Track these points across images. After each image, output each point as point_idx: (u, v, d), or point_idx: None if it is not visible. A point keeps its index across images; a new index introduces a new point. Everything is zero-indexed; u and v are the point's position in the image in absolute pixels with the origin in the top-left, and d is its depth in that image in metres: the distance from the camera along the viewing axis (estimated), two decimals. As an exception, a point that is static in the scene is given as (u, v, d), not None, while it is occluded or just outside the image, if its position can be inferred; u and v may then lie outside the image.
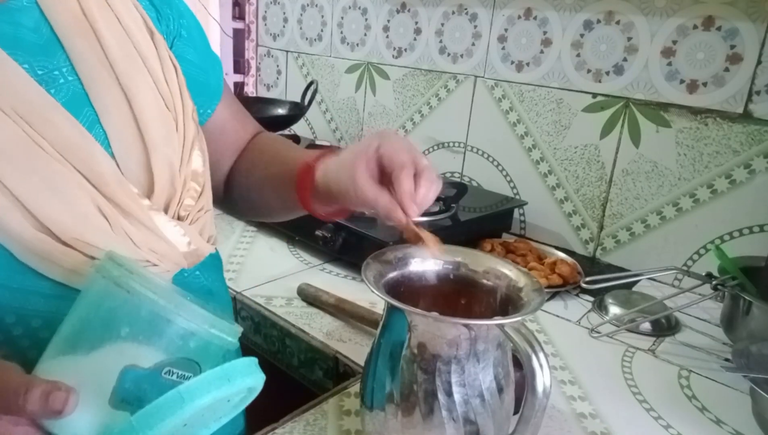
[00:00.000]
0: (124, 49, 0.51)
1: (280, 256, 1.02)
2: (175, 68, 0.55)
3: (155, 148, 0.50)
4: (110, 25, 0.51)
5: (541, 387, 0.44)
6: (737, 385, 0.74)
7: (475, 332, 0.47)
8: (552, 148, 1.14)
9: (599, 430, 0.64)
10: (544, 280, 0.93)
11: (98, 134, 0.48)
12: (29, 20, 0.47)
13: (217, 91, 0.66)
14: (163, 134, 0.51)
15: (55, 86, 0.47)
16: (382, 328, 0.52)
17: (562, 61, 1.10)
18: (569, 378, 0.73)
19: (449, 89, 1.29)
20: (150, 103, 0.51)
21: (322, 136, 1.61)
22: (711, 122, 0.95)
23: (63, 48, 0.48)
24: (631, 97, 1.03)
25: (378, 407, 0.50)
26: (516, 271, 0.54)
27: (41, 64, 0.47)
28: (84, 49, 0.49)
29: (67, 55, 0.48)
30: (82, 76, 0.48)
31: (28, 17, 0.47)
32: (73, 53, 0.48)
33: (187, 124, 0.55)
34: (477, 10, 1.21)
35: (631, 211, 1.06)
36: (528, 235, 1.20)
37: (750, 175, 0.92)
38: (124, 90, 0.50)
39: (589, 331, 0.84)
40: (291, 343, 0.80)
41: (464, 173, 1.30)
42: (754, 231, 0.93)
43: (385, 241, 0.88)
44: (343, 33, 1.49)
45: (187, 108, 0.55)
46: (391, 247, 0.57)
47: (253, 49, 1.76)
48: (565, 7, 1.08)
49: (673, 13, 0.96)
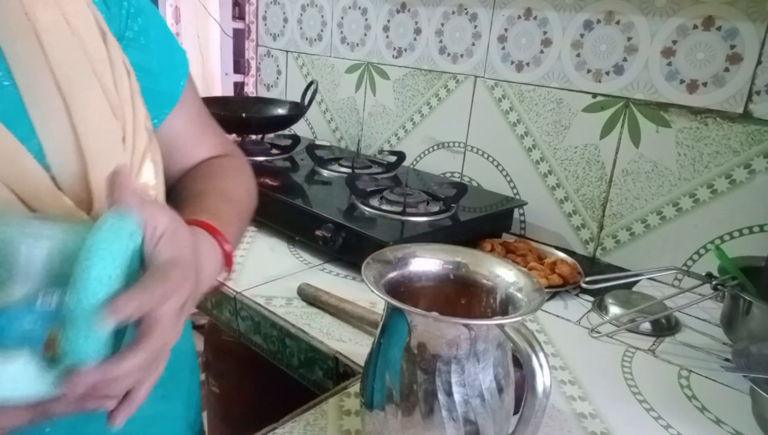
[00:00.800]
0: (70, 52, 0.47)
1: (280, 256, 1.02)
2: (128, 72, 0.51)
3: (94, 160, 0.47)
4: (55, 26, 0.47)
5: (541, 387, 0.44)
6: (737, 385, 0.74)
7: (475, 332, 0.47)
8: (552, 148, 1.14)
9: (599, 430, 0.64)
10: (544, 280, 0.93)
11: (32, 146, 0.45)
12: None
13: (169, 99, 0.60)
14: (106, 145, 0.48)
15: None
16: (382, 328, 0.52)
17: (562, 61, 1.10)
18: (569, 378, 0.73)
19: (449, 89, 1.29)
20: (94, 111, 0.47)
21: (322, 136, 1.61)
22: (711, 122, 0.95)
23: (1, 51, 0.44)
24: (631, 97, 1.03)
25: (378, 407, 0.50)
26: (516, 271, 0.54)
27: None
28: (23, 52, 0.45)
29: (4, 58, 0.44)
30: (19, 82, 0.45)
31: None
32: (11, 56, 0.45)
33: (138, 134, 0.51)
34: (477, 10, 1.21)
35: (631, 211, 1.06)
36: (528, 235, 1.20)
37: (750, 175, 0.92)
38: (64, 97, 0.46)
39: (589, 331, 0.84)
40: (291, 343, 0.80)
41: (464, 173, 1.30)
42: (754, 231, 0.93)
43: (385, 241, 0.88)
44: (343, 33, 1.49)
45: (138, 116, 0.51)
46: (391, 247, 0.57)
47: (253, 49, 1.76)
48: (565, 7, 1.08)
49: (673, 13, 0.96)
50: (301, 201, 1.05)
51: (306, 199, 1.09)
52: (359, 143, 1.51)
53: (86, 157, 0.46)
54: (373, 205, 1.02)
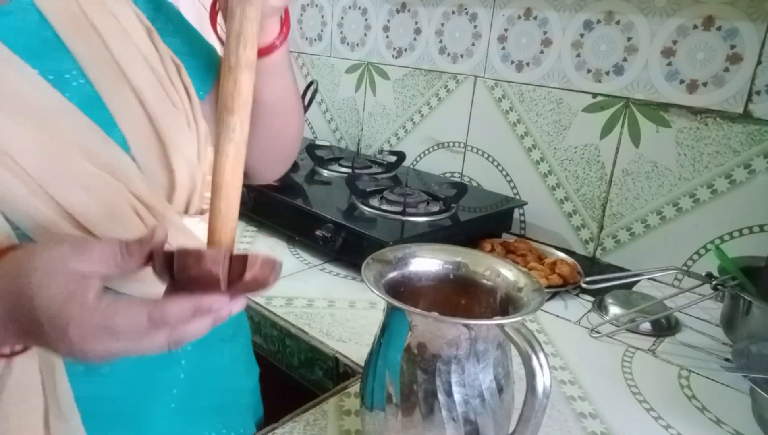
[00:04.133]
0: (127, 48, 0.50)
1: (280, 256, 1.01)
2: (178, 68, 0.54)
3: (173, 145, 0.50)
4: (109, 24, 0.50)
5: (541, 387, 0.44)
6: (737, 385, 0.74)
7: (475, 332, 0.47)
8: (552, 148, 1.14)
9: (599, 430, 0.64)
10: (544, 280, 0.93)
11: (117, 137, 0.48)
12: (30, 23, 0.46)
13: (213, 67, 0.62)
14: (176, 131, 0.51)
15: (68, 90, 0.46)
16: (382, 328, 0.52)
17: (562, 61, 1.10)
18: (569, 378, 0.73)
19: (449, 89, 1.29)
20: (159, 101, 0.50)
21: (322, 136, 1.61)
22: (711, 122, 0.95)
23: (68, 50, 0.47)
24: (631, 97, 1.03)
25: (378, 407, 0.50)
26: (516, 271, 0.54)
27: (50, 67, 0.46)
28: (88, 50, 0.48)
29: (73, 57, 0.47)
30: (92, 78, 0.48)
31: (29, 19, 0.46)
32: (79, 55, 0.48)
33: (199, 120, 0.54)
34: (477, 10, 1.21)
35: (631, 211, 1.06)
36: (528, 235, 1.20)
37: (750, 175, 0.92)
38: (135, 90, 0.49)
39: (589, 331, 0.84)
40: (291, 343, 0.80)
41: (464, 173, 1.30)
42: (754, 231, 0.93)
43: (385, 241, 0.88)
44: (343, 33, 1.49)
45: (195, 106, 0.54)
46: (391, 247, 0.57)
47: (253, 49, 1.76)
48: (565, 7, 1.08)
49: (673, 13, 0.96)
50: (301, 201, 1.05)
51: (306, 199, 1.09)
52: (359, 143, 1.51)
53: (165, 143, 0.49)
54: (373, 205, 1.02)
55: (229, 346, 0.63)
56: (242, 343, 0.67)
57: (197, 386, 0.57)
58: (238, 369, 0.66)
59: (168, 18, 0.58)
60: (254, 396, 0.69)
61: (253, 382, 0.69)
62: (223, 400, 0.62)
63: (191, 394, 0.52)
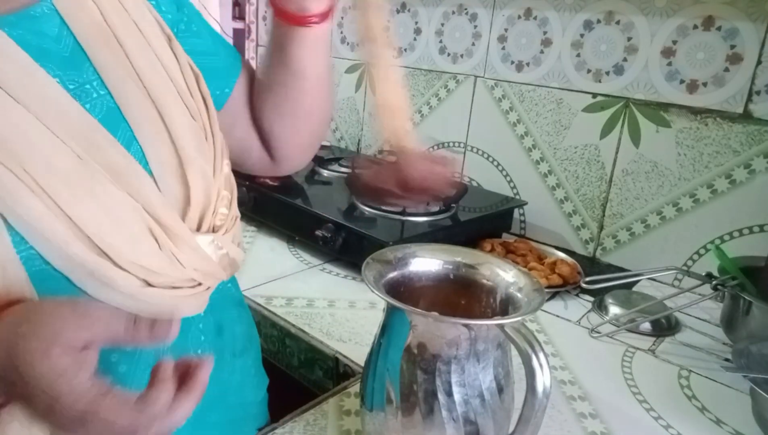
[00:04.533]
0: (148, 58, 0.48)
1: (280, 256, 1.02)
2: (197, 77, 0.52)
3: (190, 160, 0.48)
4: (131, 33, 0.48)
5: (541, 387, 0.44)
6: (737, 385, 0.74)
7: (475, 332, 0.47)
8: (552, 148, 1.14)
9: (599, 430, 0.64)
10: (544, 280, 0.93)
11: (136, 152, 0.46)
12: (51, 29, 0.44)
13: (234, 69, 0.62)
14: (195, 145, 0.49)
15: (89, 101, 0.44)
16: (382, 328, 0.52)
17: (562, 61, 1.10)
18: (569, 378, 0.73)
19: (449, 89, 1.29)
20: (178, 114, 0.49)
21: (322, 136, 1.61)
22: (711, 122, 0.95)
23: (89, 59, 0.45)
24: (631, 97, 1.03)
25: (378, 407, 0.50)
26: (516, 271, 0.54)
27: (71, 77, 0.44)
28: (110, 60, 0.46)
29: (94, 68, 0.46)
30: (113, 90, 0.46)
31: (50, 26, 0.44)
32: (100, 65, 0.46)
33: (216, 133, 0.53)
34: (477, 10, 1.21)
35: (631, 211, 1.06)
36: (528, 235, 1.20)
37: (750, 175, 0.92)
38: (155, 103, 0.47)
39: (589, 331, 0.84)
40: (291, 343, 0.80)
41: (464, 173, 1.30)
42: (754, 231, 0.93)
43: (385, 241, 0.88)
44: (343, 33, 1.49)
45: (213, 118, 0.53)
46: (391, 247, 0.57)
47: (253, 49, 1.76)
48: (565, 7, 1.08)
49: (673, 13, 0.96)
50: (301, 201, 1.05)
51: (306, 199, 1.09)
52: (359, 143, 1.51)
53: (182, 158, 0.48)
54: (373, 205, 1.02)
55: (240, 360, 0.62)
56: (253, 356, 0.66)
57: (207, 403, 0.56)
58: (249, 383, 0.65)
59: (190, 18, 0.57)
60: (262, 407, 0.69)
61: (263, 394, 0.69)
62: (233, 415, 0.61)
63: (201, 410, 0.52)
